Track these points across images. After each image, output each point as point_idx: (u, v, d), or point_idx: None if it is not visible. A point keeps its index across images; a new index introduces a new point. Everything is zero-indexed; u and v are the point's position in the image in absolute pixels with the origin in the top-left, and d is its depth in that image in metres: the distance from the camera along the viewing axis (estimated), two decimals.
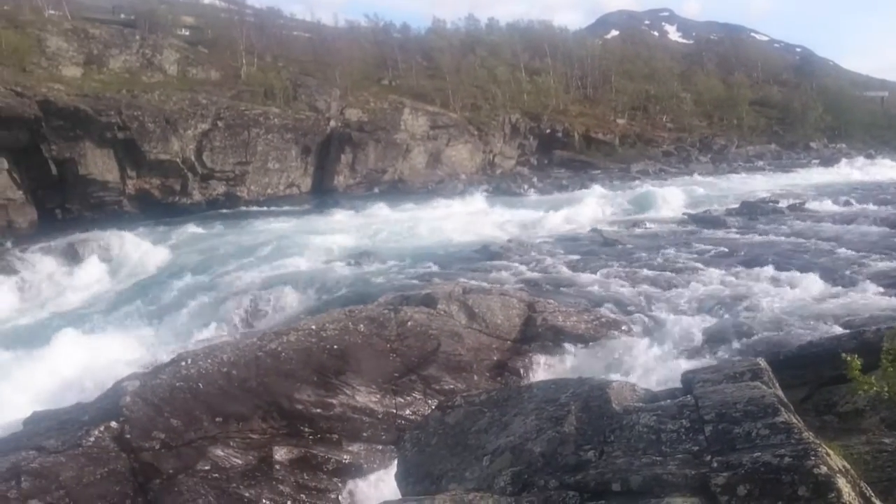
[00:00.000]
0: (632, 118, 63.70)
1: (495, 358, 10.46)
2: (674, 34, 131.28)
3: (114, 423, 8.21)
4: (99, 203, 29.18)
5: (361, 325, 10.33)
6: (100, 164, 28.76)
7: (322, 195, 37.14)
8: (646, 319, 11.36)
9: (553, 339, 10.73)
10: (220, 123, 33.13)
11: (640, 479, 3.66)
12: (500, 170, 49.18)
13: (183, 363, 9.18)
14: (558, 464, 4.24)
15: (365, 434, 8.95)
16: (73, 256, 22.33)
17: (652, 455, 3.95)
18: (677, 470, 3.65)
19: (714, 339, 9.96)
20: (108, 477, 7.63)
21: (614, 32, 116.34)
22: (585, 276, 14.59)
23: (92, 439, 7.98)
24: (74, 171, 28.01)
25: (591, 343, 10.54)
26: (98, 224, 26.36)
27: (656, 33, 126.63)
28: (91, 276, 21.17)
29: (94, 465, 7.69)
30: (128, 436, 8.08)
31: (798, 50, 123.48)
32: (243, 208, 33.77)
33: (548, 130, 54.25)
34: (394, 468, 6.36)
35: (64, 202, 28.54)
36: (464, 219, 27.04)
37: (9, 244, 23.45)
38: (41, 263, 21.69)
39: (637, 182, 41.10)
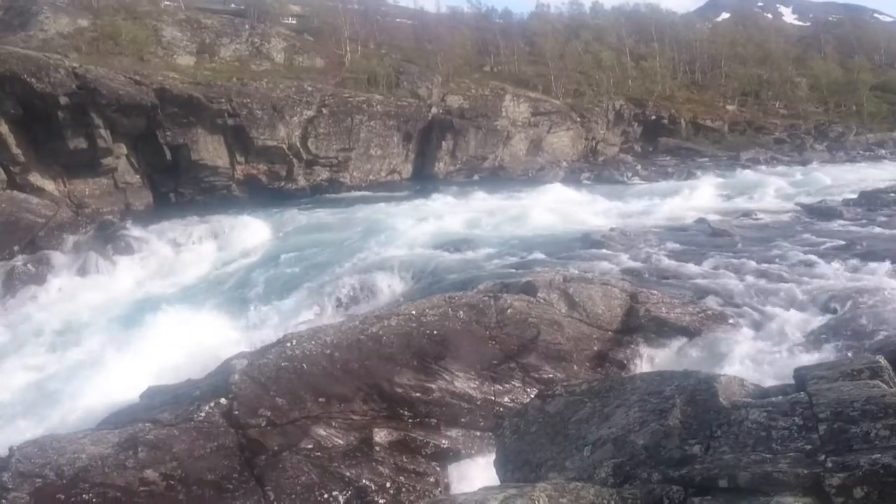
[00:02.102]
0: (742, 104, 61.43)
1: (596, 348, 10.32)
2: (789, 16, 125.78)
3: (223, 400, 8.52)
4: (210, 187, 30.28)
5: (461, 312, 10.36)
6: (211, 150, 29.81)
7: (422, 182, 37.43)
8: (754, 313, 10.96)
9: (656, 330, 10.48)
10: (324, 110, 33.79)
11: (749, 477, 3.55)
12: (603, 157, 48.35)
13: (288, 344, 9.44)
14: (662, 457, 4.16)
15: (463, 420, 8.99)
16: (184, 238, 23.30)
17: (761, 452, 3.83)
18: (789, 469, 3.52)
19: (828, 335, 9.51)
20: (217, 451, 7.93)
21: (725, 15, 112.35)
22: (691, 268, 14.18)
23: (203, 414, 8.31)
24: (187, 157, 29.13)
25: (695, 336, 10.24)
26: (208, 208, 27.39)
27: (770, 15, 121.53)
28: (201, 258, 22.03)
29: (205, 439, 8.01)
30: (236, 412, 8.37)
31: None
32: (345, 194, 34.38)
33: (653, 117, 52.98)
34: (491, 455, 6.36)
35: (177, 186, 29.74)
36: (564, 207, 26.75)
37: (127, 225, 24.63)
38: (156, 244, 22.71)
39: (747, 170, 39.60)
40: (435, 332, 9.87)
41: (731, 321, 10.65)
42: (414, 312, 10.23)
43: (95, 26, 34.95)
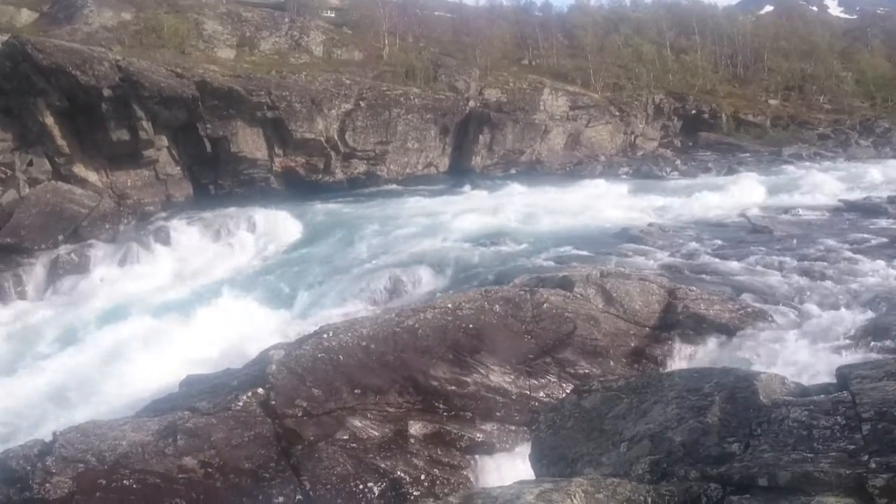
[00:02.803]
0: (785, 99, 60.30)
1: (632, 344, 10.25)
2: (835, 9, 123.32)
3: (260, 390, 8.62)
4: (248, 180, 30.49)
5: (497, 306, 10.35)
6: (250, 143, 30.02)
7: (459, 175, 37.33)
8: (795, 311, 10.80)
9: (694, 327, 10.38)
10: (362, 104, 33.85)
11: (789, 476, 3.49)
12: (642, 152, 47.80)
13: (325, 335, 9.51)
14: (700, 454, 4.12)
15: (498, 414, 8.99)
16: (223, 229, 23.54)
17: (802, 451, 3.76)
18: (830, 468, 3.46)
19: (872, 334, 9.32)
20: (254, 440, 8.02)
21: (768, 8, 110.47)
22: (730, 264, 14.02)
23: (240, 404, 8.41)
24: (227, 149, 29.36)
25: (734, 333, 10.12)
26: (247, 199, 27.61)
27: (815, 8, 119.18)
28: (239, 249, 22.26)
29: (242, 428, 8.10)
30: (273, 402, 8.46)
31: None
32: (382, 187, 34.46)
33: (693, 111, 52.23)
34: (526, 449, 6.35)
35: (217, 178, 29.99)
36: (602, 201, 26.55)
37: (167, 216, 24.95)
38: (194, 235, 22.99)
39: (789, 166, 38.93)
40: (471, 326, 9.87)
41: (771, 319, 10.50)
42: (450, 306, 10.24)
43: (138, 20, 35.45)
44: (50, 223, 22.09)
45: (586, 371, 9.57)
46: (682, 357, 9.95)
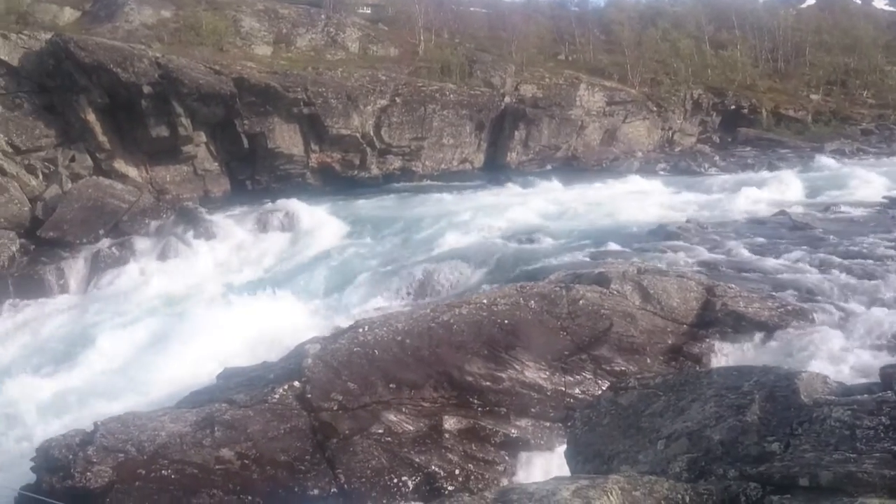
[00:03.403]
0: (827, 93, 59.14)
1: (670, 342, 10.15)
2: (879, 1, 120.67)
3: (296, 383, 8.70)
4: (285, 175, 30.76)
5: (532, 302, 10.32)
6: (286, 139, 30.27)
7: (494, 171, 37.27)
8: (837, 310, 10.60)
9: (733, 325, 10.24)
10: (397, 100, 33.91)
11: (831, 476, 3.43)
12: (680, 147, 47.29)
13: (360, 330, 9.56)
14: (739, 453, 4.07)
15: (533, 410, 8.96)
16: (260, 225, 23.78)
17: (845, 451, 3.71)
18: (874, 469, 3.39)
19: None
20: (290, 432, 8.09)
21: (810, 1, 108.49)
22: (770, 262, 13.80)
23: (277, 397, 8.49)
24: (263, 145, 29.64)
25: (774, 331, 9.96)
26: (283, 195, 27.78)
27: (858, 1, 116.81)
28: (275, 244, 22.45)
29: (278, 421, 8.19)
30: (309, 395, 8.53)
31: None
32: (417, 183, 34.53)
33: (732, 106, 51.48)
34: (561, 446, 6.32)
35: (254, 174, 30.30)
36: (639, 197, 26.31)
37: (205, 211, 25.24)
38: (233, 230, 23.22)
39: (831, 162, 38.21)
40: (506, 322, 9.86)
41: (812, 317, 10.33)
42: (485, 301, 10.23)
43: (178, 17, 35.89)
44: (91, 218, 22.46)
45: (623, 368, 9.50)
46: (721, 355, 9.82)
